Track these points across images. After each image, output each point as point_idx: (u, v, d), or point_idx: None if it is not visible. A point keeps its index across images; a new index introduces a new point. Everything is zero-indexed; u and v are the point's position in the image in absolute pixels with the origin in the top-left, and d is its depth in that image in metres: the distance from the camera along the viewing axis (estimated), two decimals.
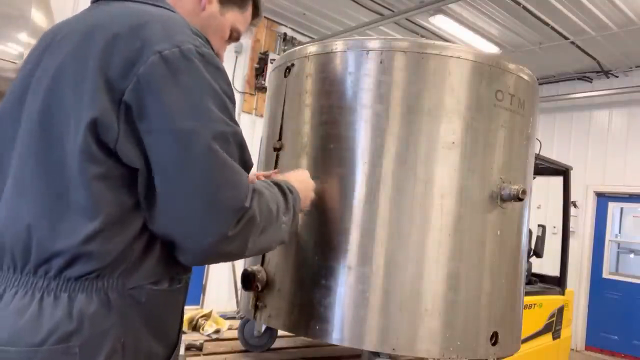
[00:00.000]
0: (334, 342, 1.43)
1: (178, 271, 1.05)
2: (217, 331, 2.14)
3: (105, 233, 0.91)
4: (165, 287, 1.01)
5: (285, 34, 7.74)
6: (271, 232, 1.08)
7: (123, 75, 0.90)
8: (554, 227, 6.49)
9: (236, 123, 1.00)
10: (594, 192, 8.20)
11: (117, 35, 0.94)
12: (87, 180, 0.90)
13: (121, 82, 0.90)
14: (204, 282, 7.11)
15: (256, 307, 1.57)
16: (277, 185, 1.19)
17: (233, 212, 0.93)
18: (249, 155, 1.03)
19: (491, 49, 7.35)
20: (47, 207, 0.92)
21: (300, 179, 1.35)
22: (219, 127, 0.94)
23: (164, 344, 1.03)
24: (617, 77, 8.03)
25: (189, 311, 2.21)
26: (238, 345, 1.98)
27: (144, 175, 0.93)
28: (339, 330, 1.42)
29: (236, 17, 1.28)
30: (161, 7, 1.06)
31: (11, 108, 1.05)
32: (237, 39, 1.32)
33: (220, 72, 0.99)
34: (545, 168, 4.81)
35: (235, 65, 7.32)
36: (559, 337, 4.73)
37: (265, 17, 7.63)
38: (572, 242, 6.34)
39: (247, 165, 1.02)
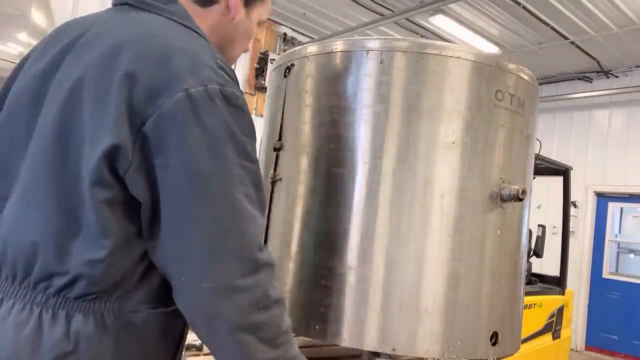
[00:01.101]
0: (334, 342, 1.43)
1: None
2: None
3: (110, 258, 0.90)
4: (162, 309, 0.99)
5: (285, 34, 7.74)
6: (264, 343, 0.95)
7: (146, 104, 0.88)
8: (554, 227, 6.50)
9: (255, 162, 0.97)
10: (594, 192, 8.21)
11: (146, 61, 0.91)
12: (96, 204, 0.88)
13: (143, 112, 0.88)
14: None
15: None
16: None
17: (238, 261, 0.89)
18: (262, 195, 0.99)
19: (491, 49, 7.36)
20: (56, 226, 0.91)
21: None
22: (236, 172, 0.91)
23: None
24: (617, 77, 8.04)
25: None
26: None
27: (148, 208, 0.91)
28: (339, 330, 1.41)
29: (260, 11, 1.25)
30: (188, 27, 1.03)
31: (26, 106, 1.01)
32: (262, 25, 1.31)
33: (242, 113, 0.97)
34: (545, 168, 4.82)
35: (235, 65, 7.31)
36: (559, 337, 4.73)
37: None
38: (572, 242, 6.34)
39: (262, 205, 0.98)
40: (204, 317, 0.92)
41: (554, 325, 4.62)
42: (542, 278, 5.02)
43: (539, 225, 5.00)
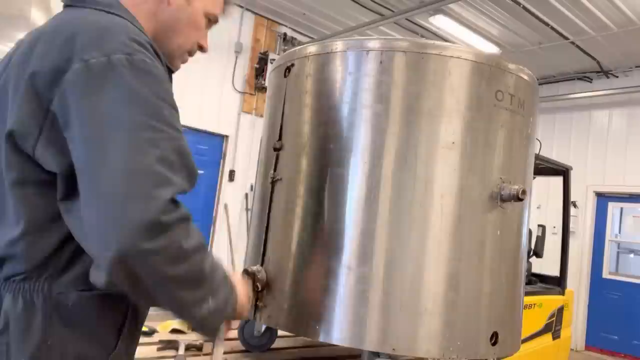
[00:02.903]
0: (334, 342, 1.43)
1: None
2: None
3: (29, 237, 0.93)
4: (96, 292, 0.96)
5: (285, 34, 7.74)
6: (191, 288, 0.96)
7: (51, 84, 0.91)
8: (554, 227, 6.49)
9: (175, 128, 0.95)
10: (594, 192, 8.20)
11: (52, 45, 0.95)
12: (9, 186, 0.95)
13: (48, 92, 0.91)
14: None
15: (256, 307, 1.57)
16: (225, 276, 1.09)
17: (139, 226, 0.84)
18: (190, 162, 0.97)
19: (491, 49, 7.35)
20: None
21: (242, 292, 1.21)
22: (145, 135, 0.89)
23: (99, 348, 1.00)
24: (617, 77, 8.03)
25: None
26: (238, 345, 1.98)
27: (63, 182, 0.93)
28: (339, 330, 1.41)
29: (205, 2, 1.22)
30: (111, 13, 1.04)
31: None
32: (215, 21, 1.27)
33: (154, 78, 0.95)
34: (545, 168, 4.81)
35: (235, 65, 7.31)
36: (558, 337, 4.72)
37: (265, 17, 7.64)
38: (572, 242, 6.33)
39: (190, 171, 0.96)
40: (124, 285, 0.90)
41: (553, 326, 4.62)
42: (542, 278, 5.01)
43: (539, 225, 4.99)
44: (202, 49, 1.27)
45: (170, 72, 1.19)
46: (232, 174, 7.29)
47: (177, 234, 0.90)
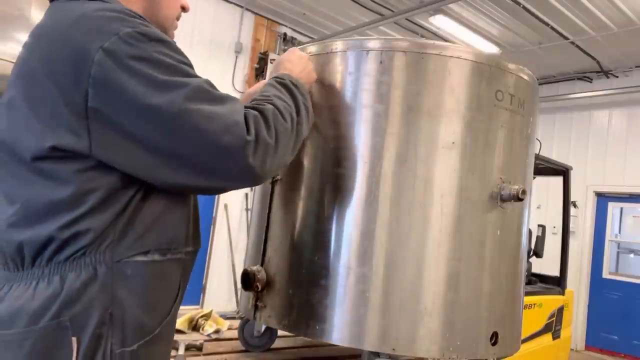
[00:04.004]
0: (334, 342, 1.43)
1: (172, 243, 1.07)
2: (217, 331, 2.14)
3: (90, 216, 0.95)
4: (155, 258, 1.03)
5: (285, 34, 7.75)
6: (290, 139, 1.14)
7: (75, 81, 0.92)
8: (554, 227, 6.50)
9: (196, 75, 1.01)
10: (594, 192, 8.21)
11: (56, 42, 0.96)
12: (63, 178, 0.95)
13: (77, 90, 0.92)
14: (204, 282, 7.11)
15: (256, 307, 1.57)
16: (284, 86, 1.23)
17: (240, 150, 0.97)
18: (217, 91, 1.04)
19: (491, 49, 7.36)
20: (27, 210, 0.97)
21: (294, 61, 1.39)
22: (185, 90, 0.95)
23: (153, 315, 1.04)
24: (617, 77, 8.04)
25: (189, 311, 2.21)
26: (238, 345, 1.98)
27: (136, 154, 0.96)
28: (339, 330, 1.42)
29: None
30: (103, 1, 1.06)
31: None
32: None
33: (164, 43, 0.99)
34: (545, 168, 4.81)
35: (235, 65, 7.32)
36: (558, 337, 4.73)
37: (265, 17, 7.64)
38: (572, 242, 6.34)
39: (222, 97, 1.02)
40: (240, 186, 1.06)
41: (553, 325, 4.62)
42: (542, 278, 5.02)
43: (539, 225, 5.00)
44: (184, 9, 1.29)
45: None
46: None
47: (262, 135, 1.02)
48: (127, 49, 0.93)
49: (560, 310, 4.72)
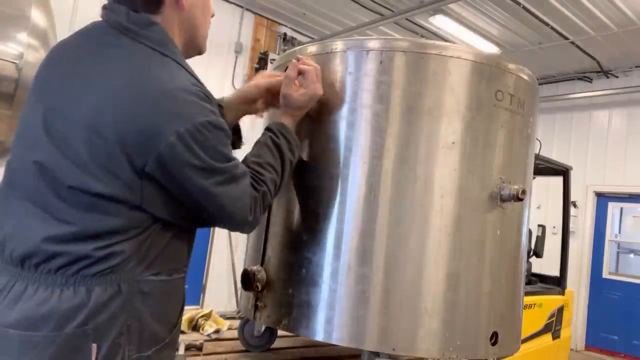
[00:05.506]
0: (334, 342, 1.43)
1: (176, 265, 1.20)
2: (217, 331, 2.14)
3: (122, 242, 1.07)
4: (164, 277, 1.16)
5: (285, 34, 7.74)
6: (282, 178, 1.36)
7: (142, 149, 1.04)
8: (554, 227, 6.49)
9: (230, 156, 1.18)
10: (594, 192, 8.21)
11: (133, 111, 1.05)
12: (114, 214, 1.06)
13: (140, 156, 1.04)
14: (204, 282, 7.10)
15: (256, 307, 1.57)
16: (276, 146, 1.37)
17: (243, 224, 1.25)
18: (238, 163, 1.22)
19: (491, 49, 7.36)
20: (80, 233, 1.06)
21: (295, 96, 1.45)
22: (220, 177, 1.14)
23: (165, 325, 1.17)
24: (617, 77, 8.04)
25: (189, 311, 2.21)
26: (238, 345, 1.98)
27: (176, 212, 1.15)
28: (339, 330, 1.42)
29: None
30: (167, 56, 1.14)
31: (33, 123, 1.14)
32: None
33: (224, 132, 1.15)
34: (545, 168, 4.82)
35: (235, 65, 7.32)
36: (558, 337, 4.73)
37: (265, 17, 7.64)
38: (572, 242, 6.34)
39: (242, 174, 1.22)
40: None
41: (553, 325, 4.62)
42: (542, 278, 5.02)
43: (539, 225, 5.00)
44: (212, 16, 1.38)
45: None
46: None
47: (262, 191, 1.27)
48: (198, 137, 1.08)
49: (560, 310, 4.72)
